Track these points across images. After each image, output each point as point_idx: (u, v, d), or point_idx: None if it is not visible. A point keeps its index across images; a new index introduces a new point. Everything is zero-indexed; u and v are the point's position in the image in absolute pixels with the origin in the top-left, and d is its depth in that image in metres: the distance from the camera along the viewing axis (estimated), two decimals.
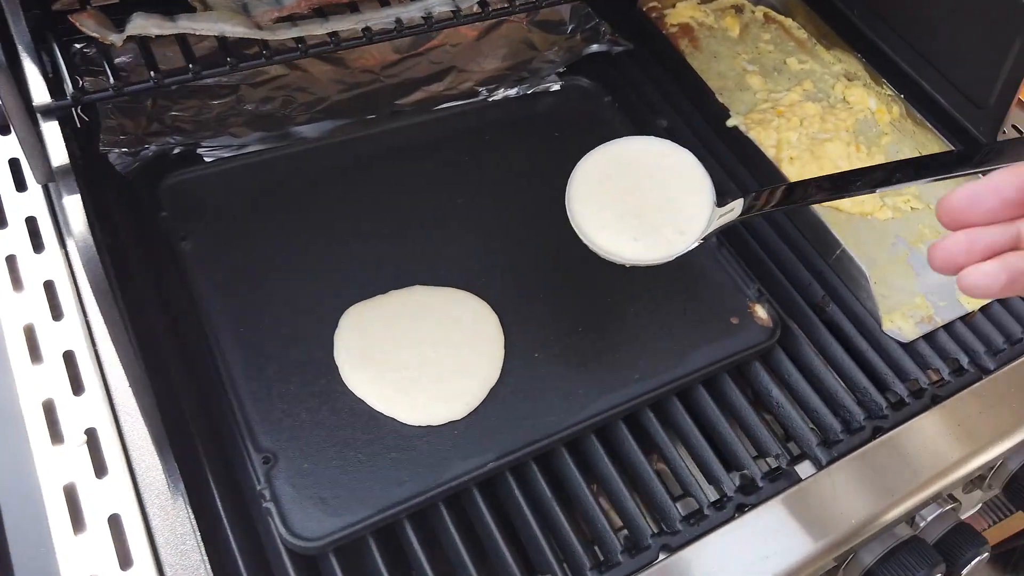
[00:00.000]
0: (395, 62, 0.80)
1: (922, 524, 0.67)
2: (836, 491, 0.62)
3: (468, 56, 0.81)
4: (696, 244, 0.56)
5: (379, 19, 0.63)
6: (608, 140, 0.79)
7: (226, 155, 0.71)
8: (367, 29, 0.63)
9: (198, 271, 0.64)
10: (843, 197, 0.56)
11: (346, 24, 0.62)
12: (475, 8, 0.66)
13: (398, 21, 0.63)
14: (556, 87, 0.81)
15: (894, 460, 0.64)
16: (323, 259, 0.66)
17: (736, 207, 0.55)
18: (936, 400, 0.68)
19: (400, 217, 0.69)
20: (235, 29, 0.58)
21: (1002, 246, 0.37)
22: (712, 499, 0.62)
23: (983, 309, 0.76)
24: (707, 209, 0.56)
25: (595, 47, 0.83)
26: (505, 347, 0.64)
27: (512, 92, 0.79)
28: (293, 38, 0.60)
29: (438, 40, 0.81)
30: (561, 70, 0.82)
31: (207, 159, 0.70)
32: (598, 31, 0.85)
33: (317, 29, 0.62)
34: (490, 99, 0.78)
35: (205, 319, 0.62)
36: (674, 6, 0.93)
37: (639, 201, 0.57)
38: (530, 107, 0.79)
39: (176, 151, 0.70)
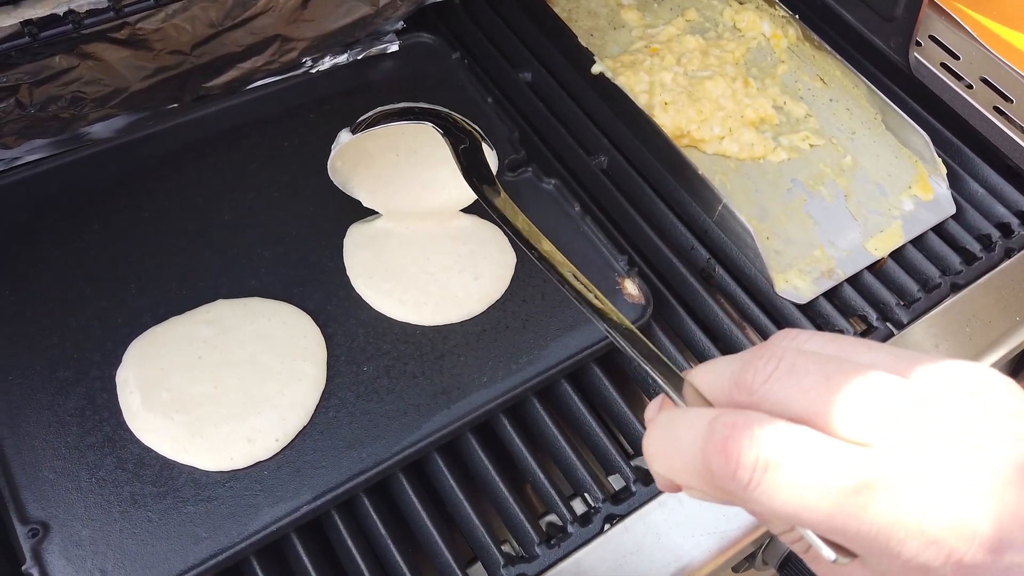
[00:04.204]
0: (209, 38, 0.69)
1: None
2: None
3: (294, 21, 0.71)
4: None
5: None
6: (458, 103, 0.69)
7: None
8: None
9: None
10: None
11: None
12: None
13: None
14: (394, 48, 0.71)
15: None
16: (109, 282, 0.57)
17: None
18: None
19: (201, 221, 0.60)
20: None
21: None
22: (581, 512, 0.54)
23: (895, 254, 0.67)
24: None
25: None
26: (328, 363, 0.55)
27: (341, 59, 0.69)
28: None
29: (260, 6, 0.71)
30: (399, 26, 0.72)
31: None
32: None
33: None
34: (315, 70, 0.68)
35: None
36: None
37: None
38: (363, 75, 0.69)
39: None
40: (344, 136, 0.56)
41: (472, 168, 0.55)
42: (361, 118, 0.56)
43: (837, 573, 0.30)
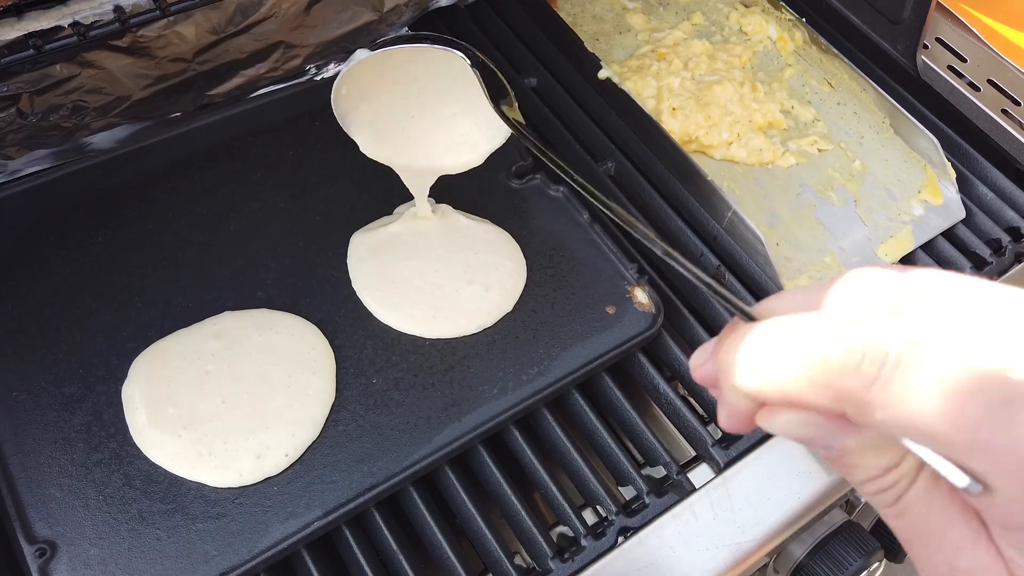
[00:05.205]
0: (211, 45, 0.68)
1: (858, 506, 0.60)
2: (733, 497, 0.54)
3: (297, 27, 0.70)
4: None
5: None
6: None
7: None
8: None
9: None
10: None
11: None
12: None
13: None
14: None
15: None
16: (114, 295, 0.56)
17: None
18: None
19: (206, 232, 0.59)
20: None
21: None
22: (592, 523, 0.53)
23: (905, 260, 0.66)
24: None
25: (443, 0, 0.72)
26: (337, 375, 0.55)
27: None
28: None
29: (263, 12, 0.70)
30: (403, 32, 0.71)
31: None
32: None
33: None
34: (319, 77, 0.68)
35: None
36: None
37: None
38: None
39: None
40: (360, 53, 0.51)
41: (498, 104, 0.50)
42: (381, 39, 0.52)
43: (913, 528, 0.26)
